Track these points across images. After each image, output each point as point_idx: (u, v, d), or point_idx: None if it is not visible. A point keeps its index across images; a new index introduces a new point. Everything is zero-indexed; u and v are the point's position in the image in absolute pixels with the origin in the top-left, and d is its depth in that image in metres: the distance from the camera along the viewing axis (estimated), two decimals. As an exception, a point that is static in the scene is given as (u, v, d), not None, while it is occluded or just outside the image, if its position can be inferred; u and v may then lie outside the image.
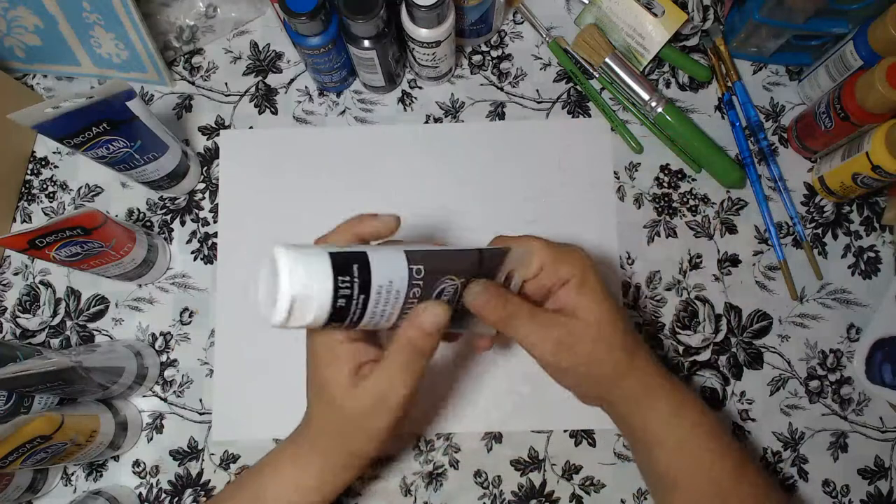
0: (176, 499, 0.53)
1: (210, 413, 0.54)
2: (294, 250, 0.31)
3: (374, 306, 0.33)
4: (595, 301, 0.40)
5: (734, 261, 0.56)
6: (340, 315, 0.32)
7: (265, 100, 0.59)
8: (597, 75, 0.58)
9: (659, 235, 0.56)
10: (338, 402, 0.38)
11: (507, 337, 0.40)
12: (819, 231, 0.56)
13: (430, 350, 0.38)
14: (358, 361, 0.38)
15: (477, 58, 0.60)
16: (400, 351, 0.37)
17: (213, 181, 0.58)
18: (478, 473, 0.53)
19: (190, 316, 0.56)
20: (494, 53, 0.60)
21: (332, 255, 0.31)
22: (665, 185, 0.57)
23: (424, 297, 0.36)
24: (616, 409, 0.43)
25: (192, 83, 0.60)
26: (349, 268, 0.32)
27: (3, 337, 0.56)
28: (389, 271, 0.33)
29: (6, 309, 0.56)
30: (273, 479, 0.41)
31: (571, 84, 0.59)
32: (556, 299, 0.41)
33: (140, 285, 0.56)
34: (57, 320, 0.56)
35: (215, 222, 0.57)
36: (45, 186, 0.58)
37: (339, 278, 0.31)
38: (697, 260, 0.56)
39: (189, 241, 0.57)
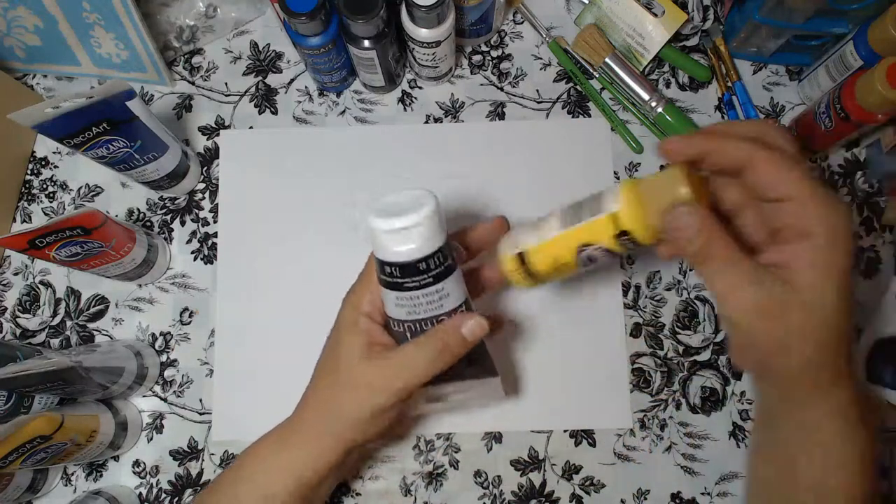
0: (176, 499, 0.53)
1: (210, 413, 0.54)
2: (440, 210, 0.36)
3: (425, 296, 0.36)
4: (832, 280, 0.31)
5: (734, 261, 0.56)
6: (411, 271, 0.35)
7: (265, 100, 0.59)
8: (597, 75, 0.58)
9: (659, 235, 0.56)
10: (344, 370, 0.38)
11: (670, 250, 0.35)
12: (819, 231, 0.56)
13: (459, 354, 0.37)
14: (373, 340, 0.39)
15: (477, 58, 0.60)
16: (429, 341, 0.37)
17: (213, 181, 0.58)
18: (478, 473, 0.53)
19: (190, 316, 0.56)
20: (494, 53, 0.60)
21: (447, 239, 0.36)
22: (665, 185, 0.57)
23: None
24: (776, 399, 0.36)
25: (192, 83, 0.60)
26: (447, 255, 0.36)
27: (3, 337, 0.56)
28: (455, 288, 0.37)
29: (6, 309, 0.56)
30: (255, 462, 0.41)
31: (571, 84, 0.59)
32: (781, 252, 0.32)
33: (140, 285, 0.56)
34: (57, 320, 0.56)
35: (215, 222, 0.57)
36: (45, 186, 0.58)
37: (439, 253, 0.35)
38: (697, 260, 0.56)
39: (189, 241, 0.57)
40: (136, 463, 0.54)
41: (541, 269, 0.38)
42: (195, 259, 0.57)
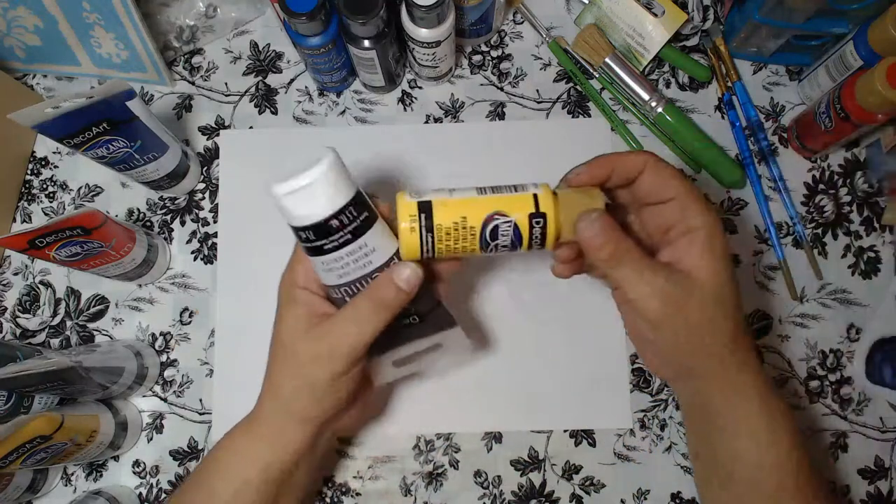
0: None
1: (210, 413, 0.54)
2: (341, 164, 0.35)
3: (349, 254, 0.35)
4: (721, 262, 0.36)
5: (734, 261, 0.56)
6: (324, 231, 0.34)
7: (265, 100, 0.59)
8: (597, 75, 0.58)
9: (659, 235, 0.56)
10: (290, 349, 0.38)
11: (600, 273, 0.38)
12: (819, 231, 0.56)
13: (397, 307, 0.36)
14: (314, 310, 0.38)
15: (477, 58, 0.60)
16: (365, 298, 0.36)
17: (213, 181, 0.58)
18: (478, 473, 0.53)
19: (190, 316, 0.56)
20: (494, 53, 0.60)
21: (359, 191, 0.35)
22: (665, 185, 0.57)
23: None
24: (698, 384, 0.39)
25: (192, 83, 0.60)
26: (361, 208, 0.35)
27: (3, 337, 0.56)
28: (380, 242, 0.36)
29: (6, 309, 0.56)
30: (227, 455, 0.41)
31: (571, 84, 0.59)
32: (674, 250, 0.37)
33: (140, 285, 0.56)
34: (57, 320, 0.56)
35: (215, 222, 0.57)
36: (45, 186, 0.58)
37: (350, 207, 0.34)
38: (697, 260, 0.56)
39: (189, 241, 0.57)
40: (136, 463, 0.54)
41: (442, 224, 0.35)
42: (195, 259, 0.57)
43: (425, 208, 0.35)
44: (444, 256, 0.36)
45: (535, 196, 0.35)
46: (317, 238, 0.35)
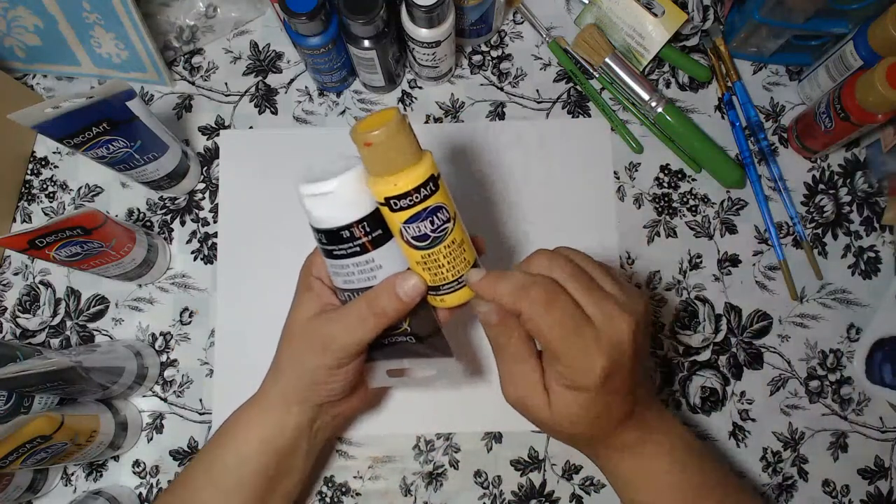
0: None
1: (210, 413, 0.54)
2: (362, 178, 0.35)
3: (355, 265, 0.36)
4: (571, 409, 0.37)
5: (734, 261, 0.56)
6: (335, 238, 0.35)
7: (265, 100, 0.59)
8: (597, 75, 0.58)
9: (659, 235, 0.56)
10: (298, 331, 0.40)
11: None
12: (819, 231, 0.56)
13: (393, 316, 0.36)
14: (323, 300, 0.40)
15: (477, 58, 0.60)
16: (363, 302, 0.37)
17: (213, 181, 0.58)
18: (478, 473, 0.53)
19: (190, 316, 0.56)
20: (494, 53, 0.60)
21: (380, 204, 0.35)
22: (665, 185, 0.57)
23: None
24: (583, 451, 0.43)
25: (192, 83, 0.60)
26: (376, 225, 0.35)
27: (3, 337, 0.56)
28: (390, 261, 0.36)
29: (6, 309, 0.56)
30: (233, 429, 0.43)
31: (571, 84, 0.59)
32: (552, 368, 0.37)
33: (140, 285, 0.56)
34: (57, 320, 0.56)
35: (215, 222, 0.57)
36: (45, 186, 0.58)
37: (364, 222, 0.35)
38: (697, 260, 0.56)
39: (189, 241, 0.57)
40: (136, 463, 0.53)
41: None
42: (195, 259, 0.57)
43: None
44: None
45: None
46: (328, 242, 0.36)
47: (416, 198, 0.33)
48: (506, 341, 0.38)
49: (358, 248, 0.35)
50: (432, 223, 0.34)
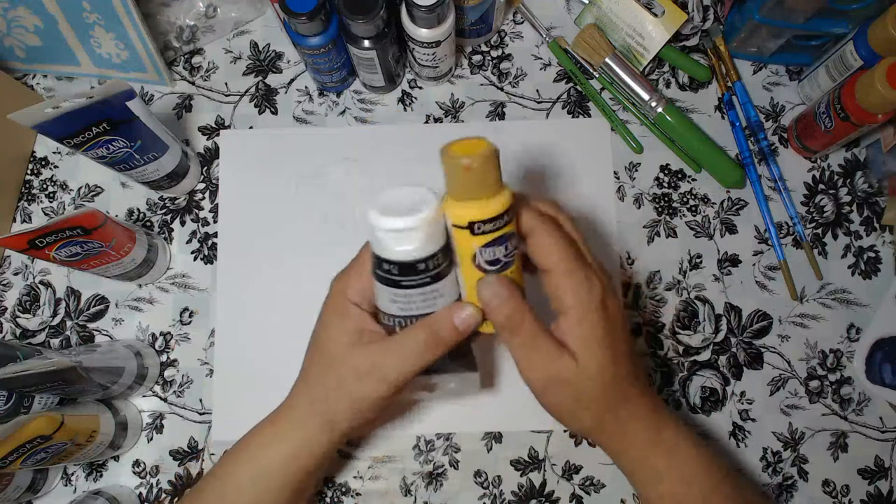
0: (176, 499, 0.53)
1: (210, 413, 0.54)
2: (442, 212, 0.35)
3: (420, 294, 0.36)
4: (591, 347, 0.37)
5: (734, 261, 0.56)
6: (409, 270, 0.35)
7: (265, 100, 0.59)
8: (597, 75, 0.58)
9: (659, 235, 0.56)
10: (335, 358, 0.39)
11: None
12: (819, 231, 0.56)
13: (450, 346, 0.37)
14: (363, 327, 0.39)
15: (477, 58, 0.60)
16: (422, 331, 0.37)
17: (213, 181, 0.58)
18: (478, 473, 0.53)
19: (190, 316, 0.56)
20: (494, 53, 0.60)
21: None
22: (665, 185, 0.57)
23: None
24: (594, 436, 0.42)
25: (192, 83, 0.60)
26: (446, 255, 0.36)
27: (3, 337, 0.56)
28: (450, 289, 0.37)
29: (6, 309, 0.56)
30: (253, 447, 0.42)
31: (571, 84, 0.59)
32: (560, 323, 0.38)
33: (140, 285, 0.56)
34: (57, 320, 0.56)
35: (215, 222, 0.57)
36: (45, 186, 0.58)
37: (439, 254, 0.35)
38: (697, 260, 0.56)
39: (189, 241, 0.57)
40: (136, 463, 0.54)
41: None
42: (195, 259, 0.57)
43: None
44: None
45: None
46: (398, 274, 0.35)
47: (499, 223, 0.34)
48: (520, 318, 0.36)
49: (429, 279, 0.36)
50: (506, 249, 0.35)
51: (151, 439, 0.54)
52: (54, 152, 0.59)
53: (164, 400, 0.54)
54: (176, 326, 0.56)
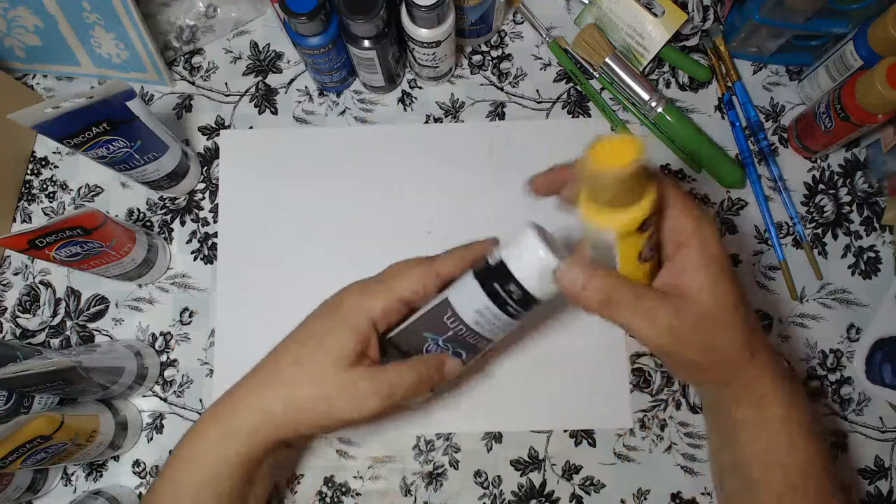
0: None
1: (210, 413, 0.54)
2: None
3: (502, 323, 0.38)
4: (717, 279, 0.35)
5: (734, 261, 0.56)
6: (529, 304, 0.37)
7: (265, 100, 0.59)
8: (597, 75, 0.58)
9: (659, 235, 0.56)
10: (330, 369, 0.38)
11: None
12: (819, 231, 0.56)
13: (431, 387, 0.40)
14: (366, 350, 0.39)
15: (477, 58, 0.60)
16: (418, 367, 0.39)
17: (213, 181, 0.58)
18: (478, 473, 0.53)
19: (190, 316, 0.56)
20: (494, 53, 0.60)
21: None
22: (665, 185, 0.57)
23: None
24: (716, 390, 0.40)
25: (192, 83, 0.60)
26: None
27: (3, 337, 0.56)
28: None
29: (6, 309, 0.56)
30: (195, 444, 0.40)
31: (571, 84, 0.59)
32: (672, 267, 0.36)
33: (140, 285, 0.56)
34: (57, 320, 0.56)
35: (215, 222, 0.57)
36: (45, 186, 0.58)
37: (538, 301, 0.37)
38: (697, 260, 0.56)
39: (189, 241, 0.57)
40: (136, 463, 0.53)
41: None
42: (195, 259, 0.57)
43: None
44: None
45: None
46: (516, 301, 0.36)
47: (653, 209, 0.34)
48: (622, 287, 0.35)
49: (519, 316, 0.38)
50: (651, 236, 0.35)
51: (151, 439, 0.54)
52: (54, 152, 0.59)
53: (164, 400, 0.54)
54: (176, 326, 0.56)
